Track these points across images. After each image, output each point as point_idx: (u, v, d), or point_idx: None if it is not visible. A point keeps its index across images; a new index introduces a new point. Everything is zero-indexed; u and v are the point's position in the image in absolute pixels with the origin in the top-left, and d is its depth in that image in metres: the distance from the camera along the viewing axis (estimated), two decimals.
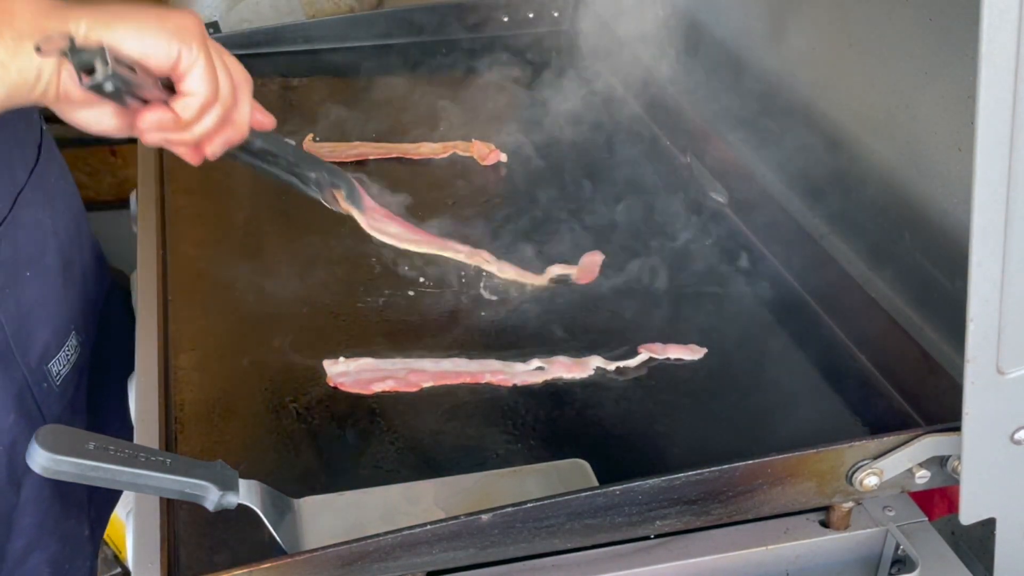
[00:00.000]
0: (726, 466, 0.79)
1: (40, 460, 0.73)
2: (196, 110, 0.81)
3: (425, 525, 0.75)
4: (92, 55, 0.73)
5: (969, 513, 0.79)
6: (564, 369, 1.03)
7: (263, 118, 0.95)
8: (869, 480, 0.82)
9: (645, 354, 1.05)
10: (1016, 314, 0.71)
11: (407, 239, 1.18)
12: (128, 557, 1.10)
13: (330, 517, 0.85)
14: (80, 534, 1.24)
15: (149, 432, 0.94)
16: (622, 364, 1.04)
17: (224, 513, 0.79)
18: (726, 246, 1.21)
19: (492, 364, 1.03)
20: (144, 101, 0.80)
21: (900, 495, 0.89)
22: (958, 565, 0.86)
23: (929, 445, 0.82)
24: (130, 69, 0.76)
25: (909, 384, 0.99)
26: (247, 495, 0.79)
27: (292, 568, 0.75)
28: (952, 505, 0.92)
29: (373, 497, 0.87)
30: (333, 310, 1.12)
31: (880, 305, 1.03)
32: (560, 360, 1.04)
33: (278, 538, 0.80)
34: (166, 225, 1.23)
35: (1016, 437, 0.76)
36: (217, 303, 1.13)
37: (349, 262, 1.18)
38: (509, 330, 1.09)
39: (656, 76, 1.42)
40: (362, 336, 1.08)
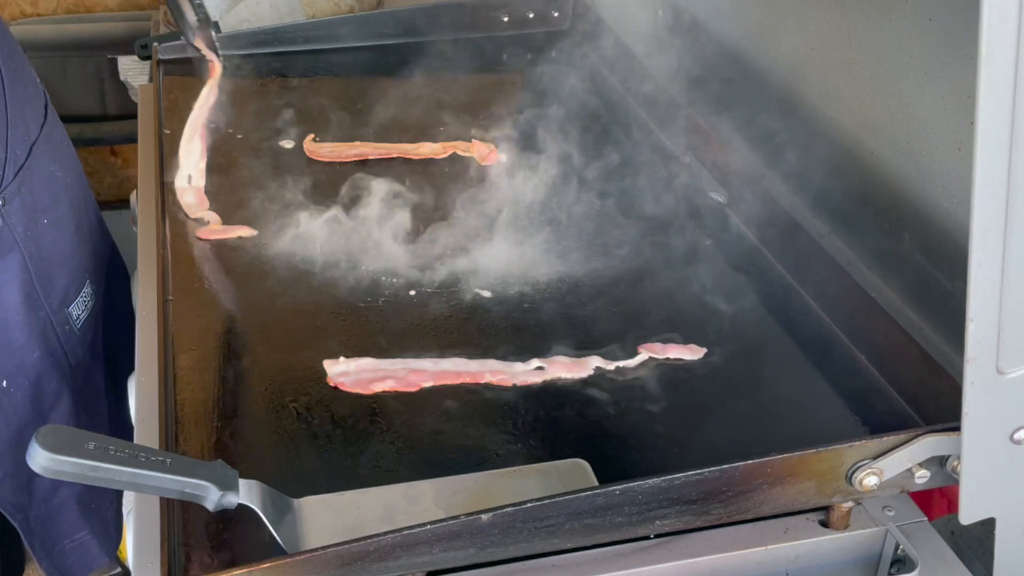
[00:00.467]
0: (726, 466, 0.79)
1: (40, 460, 0.73)
2: None
3: (425, 525, 0.75)
4: None
5: (969, 513, 0.79)
6: (564, 369, 1.03)
7: None
8: (869, 480, 0.82)
9: (645, 354, 1.05)
10: (1016, 314, 0.71)
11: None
12: (128, 557, 1.10)
13: (330, 517, 0.85)
14: None
15: (149, 432, 0.94)
16: (622, 364, 1.04)
17: (224, 513, 0.79)
18: (726, 246, 1.21)
19: (492, 364, 1.04)
20: None
21: (900, 495, 0.89)
22: (958, 565, 0.86)
23: (929, 445, 0.82)
24: None
25: (909, 384, 0.99)
26: (247, 495, 0.79)
27: (292, 568, 0.75)
28: (952, 505, 0.92)
29: (373, 497, 0.87)
30: (333, 310, 1.12)
31: (880, 305, 1.03)
32: (560, 360, 1.04)
33: (278, 538, 0.80)
34: (166, 225, 1.23)
35: (1016, 437, 0.76)
36: (217, 303, 1.13)
37: (349, 261, 1.18)
38: (509, 330, 1.09)
39: (656, 76, 1.42)
40: (362, 336, 1.08)
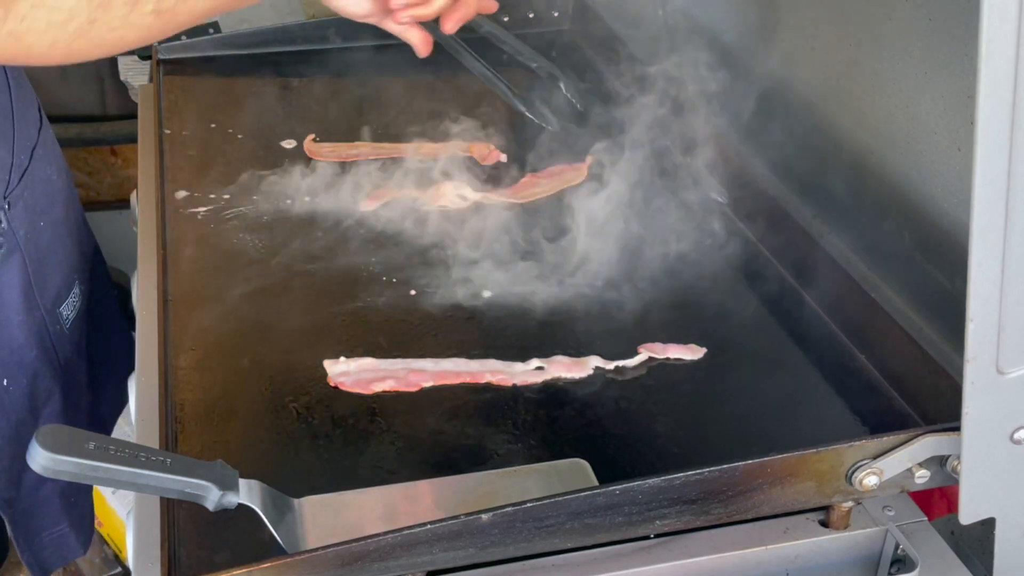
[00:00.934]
0: (726, 466, 0.79)
1: (40, 460, 0.73)
2: None
3: (425, 525, 0.75)
4: None
5: (969, 513, 0.79)
6: (564, 369, 1.03)
7: (489, 3, 1.14)
8: (869, 480, 0.82)
9: (645, 354, 1.05)
10: (1016, 314, 0.71)
11: None
12: (128, 557, 1.10)
13: (330, 517, 0.85)
14: None
15: (149, 432, 0.94)
16: (621, 364, 1.04)
17: (224, 513, 0.79)
18: (726, 246, 1.21)
19: (492, 364, 1.04)
20: None
21: (900, 495, 0.89)
22: (958, 565, 0.86)
23: (929, 445, 0.82)
24: None
25: (909, 384, 0.99)
26: (247, 495, 0.79)
27: (292, 568, 0.75)
28: (952, 505, 0.92)
29: (373, 497, 0.87)
30: (333, 310, 1.12)
31: (880, 305, 1.03)
32: (560, 360, 1.04)
33: (278, 538, 0.80)
34: (166, 225, 1.23)
35: (1016, 437, 0.76)
36: (217, 303, 1.13)
37: (350, 261, 1.18)
38: (509, 330, 1.09)
39: (655, 76, 1.42)
40: (362, 336, 1.08)
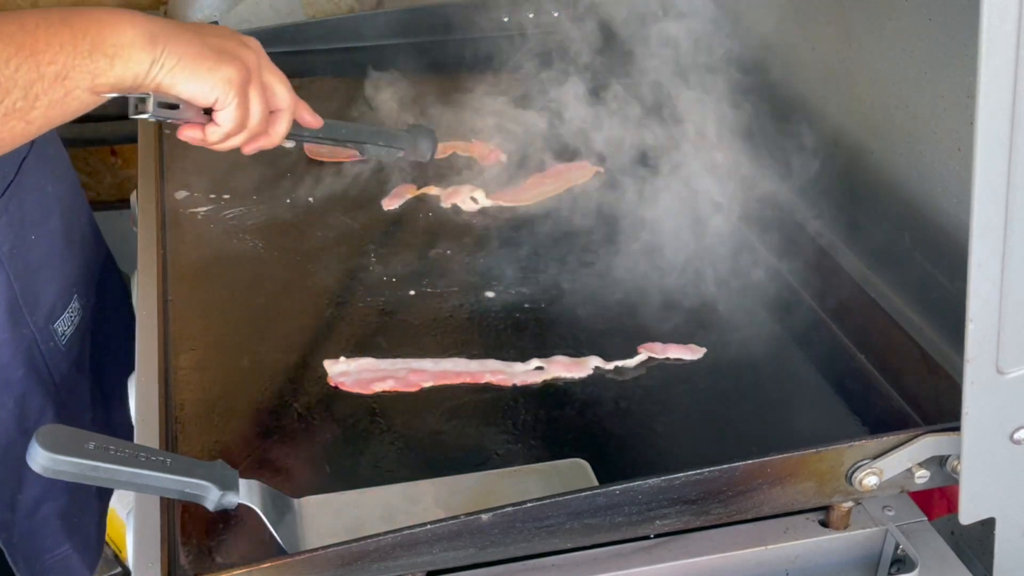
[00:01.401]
0: (726, 466, 0.79)
1: (40, 460, 0.73)
2: (221, 136, 0.96)
3: (425, 525, 0.75)
4: (145, 97, 0.90)
5: (969, 513, 0.79)
6: (563, 369, 1.03)
7: (311, 119, 1.06)
8: (869, 480, 0.82)
9: (644, 354, 1.05)
10: (1016, 314, 0.71)
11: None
12: (128, 557, 1.10)
13: (330, 517, 0.85)
14: (89, 490, 1.31)
15: (149, 432, 0.94)
16: (621, 364, 1.04)
17: (224, 513, 0.79)
18: (726, 246, 1.21)
19: (492, 364, 1.03)
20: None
21: (900, 495, 0.89)
22: (958, 565, 0.86)
23: (929, 445, 0.82)
24: (172, 106, 0.92)
25: (909, 384, 0.99)
26: (247, 495, 0.79)
27: (292, 568, 0.75)
28: (952, 505, 0.92)
29: (373, 497, 0.87)
30: (333, 310, 1.12)
31: (880, 305, 1.03)
32: (559, 360, 1.04)
33: (278, 538, 0.80)
34: (166, 225, 1.23)
35: (1016, 437, 0.76)
36: (217, 303, 1.13)
37: (350, 262, 1.18)
38: (509, 330, 1.09)
39: (654, 76, 1.42)
40: (362, 336, 1.08)
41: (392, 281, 1.16)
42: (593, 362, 1.04)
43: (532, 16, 1.68)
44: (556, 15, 1.69)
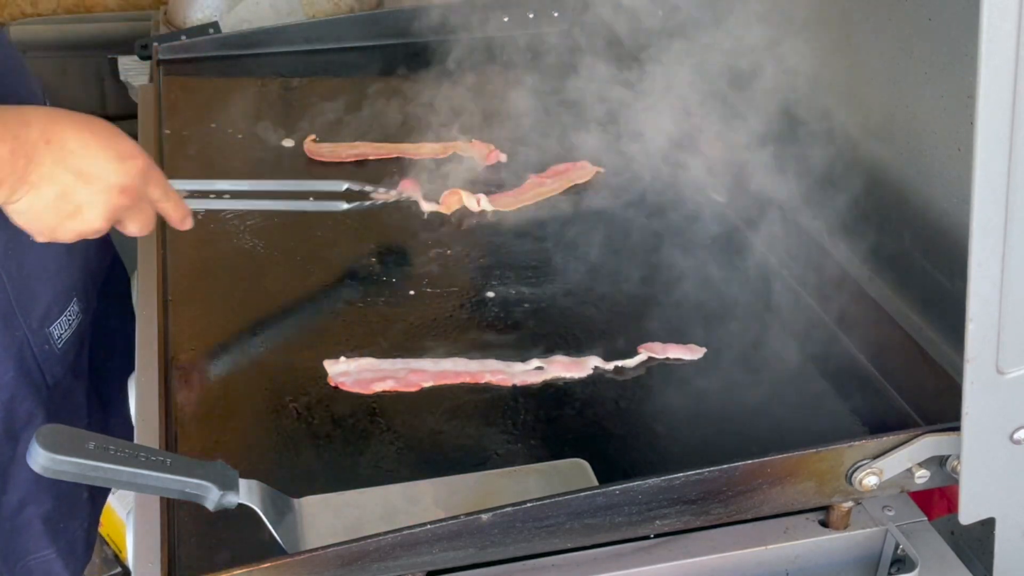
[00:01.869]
0: (726, 466, 0.79)
1: (40, 460, 0.73)
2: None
3: (425, 525, 0.75)
4: None
5: (969, 513, 0.79)
6: (563, 369, 1.03)
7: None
8: (869, 480, 0.82)
9: (644, 354, 1.05)
10: (1016, 314, 0.71)
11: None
12: (128, 557, 1.10)
13: (330, 517, 0.85)
14: (78, 495, 1.28)
15: (149, 432, 0.94)
16: (621, 364, 1.04)
17: (224, 513, 0.79)
18: (726, 246, 1.21)
19: (492, 364, 1.04)
20: None
21: (899, 495, 0.89)
22: (958, 565, 0.86)
23: (929, 445, 0.82)
24: None
25: (909, 384, 0.99)
26: (247, 495, 0.79)
27: (292, 568, 0.75)
28: (952, 505, 0.92)
29: (373, 497, 0.87)
30: (333, 310, 1.12)
31: (880, 305, 1.03)
32: (559, 360, 1.04)
33: (278, 538, 0.80)
34: (166, 225, 1.23)
35: (1016, 437, 0.76)
36: (217, 303, 1.13)
37: (350, 262, 1.18)
38: (509, 330, 1.09)
39: (654, 76, 1.42)
40: (362, 336, 1.08)
41: (392, 281, 1.16)
42: (593, 362, 1.04)
43: (532, 16, 1.68)
44: (556, 15, 1.69)
